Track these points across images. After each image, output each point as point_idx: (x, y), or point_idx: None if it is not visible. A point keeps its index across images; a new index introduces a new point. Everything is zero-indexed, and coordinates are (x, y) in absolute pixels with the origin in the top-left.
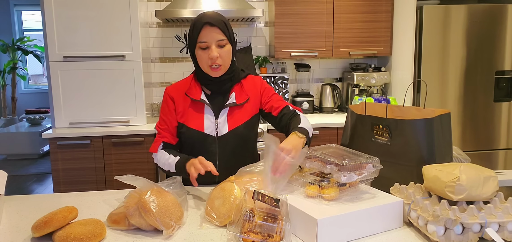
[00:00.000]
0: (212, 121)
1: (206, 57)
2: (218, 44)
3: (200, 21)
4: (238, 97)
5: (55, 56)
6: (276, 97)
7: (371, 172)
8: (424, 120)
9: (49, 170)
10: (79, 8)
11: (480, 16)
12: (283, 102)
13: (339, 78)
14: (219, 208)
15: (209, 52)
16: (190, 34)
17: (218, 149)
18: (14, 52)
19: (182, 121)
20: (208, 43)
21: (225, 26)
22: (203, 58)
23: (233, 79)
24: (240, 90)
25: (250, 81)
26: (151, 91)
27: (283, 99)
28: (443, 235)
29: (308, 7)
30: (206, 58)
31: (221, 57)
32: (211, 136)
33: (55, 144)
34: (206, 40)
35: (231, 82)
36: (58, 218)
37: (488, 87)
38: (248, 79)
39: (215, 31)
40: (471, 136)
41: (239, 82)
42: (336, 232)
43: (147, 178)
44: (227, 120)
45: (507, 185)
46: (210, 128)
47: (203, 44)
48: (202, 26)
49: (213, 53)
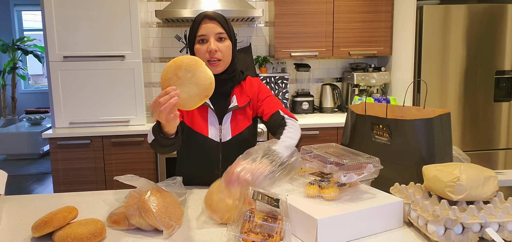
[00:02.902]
0: (216, 126)
1: (204, 50)
2: (217, 37)
3: (200, 16)
4: (240, 100)
5: (55, 56)
6: (268, 101)
7: (371, 172)
8: (424, 120)
9: (49, 170)
10: (79, 8)
11: (480, 16)
12: (275, 106)
13: (339, 78)
14: (219, 203)
15: (208, 45)
16: (190, 31)
17: (221, 155)
18: (14, 52)
19: (186, 121)
20: (207, 36)
21: (224, 21)
22: (202, 52)
23: (234, 80)
24: (240, 92)
25: (249, 83)
26: (151, 91)
27: (276, 102)
28: (443, 235)
29: (308, 7)
30: (204, 52)
31: (220, 51)
32: (214, 141)
33: (55, 144)
34: (205, 33)
35: (232, 83)
36: (58, 218)
37: (488, 87)
38: (247, 80)
39: (214, 24)
40: (471, 136)
41: (239, 84)
42: (336, 232)
43: (147, 178)
44: (231, 125)
45: (507, 185)
46: (214, 133)
47: (202, 38)
48: (201, 20)
49: (212, 45)
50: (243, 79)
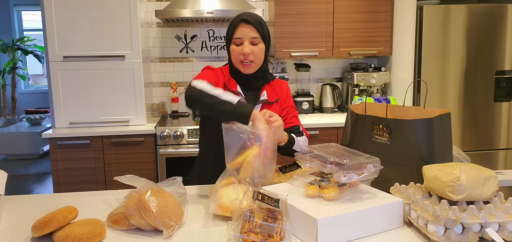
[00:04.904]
0: None
1: (239, 52)
2: (252, 41)
3: (237, 19)
4: (270, 96)
5: (55, 56)
6: (293, 112)
7: (371, 172)
8: (424, 120)
9: (49, 170)
10: (79, 8)
11: (480, 16)
12: (297, 120)
13: (339, 78)
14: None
15: (242, 47)
16: (227, 31)
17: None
18: (14, 52)
19: None
20: (242, 39)
21: (260, 25)
22: (236, 53)
23: (265, 79)
24: (271, 90)
25: (278, 84)
26: (151, 91)
27: (298, 117)
28: (443, 235)
29: (308, 7)
30: (239, 53)
31: (253, 54)
32: None
33: (55, 144)
34: (241, 36)
35: (262, 81)
36: (58, 218)
37: (488, 87)
38: (276, 81)
39: (249, 28)
40: (471, 136)
41: (269, 83)
42: (336, 232)
43: (147, 178)
44: None
45: (507, 185)
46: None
47: (238, 41)
48: (238, 23)
49: (246, 49)
50: (272, 79)
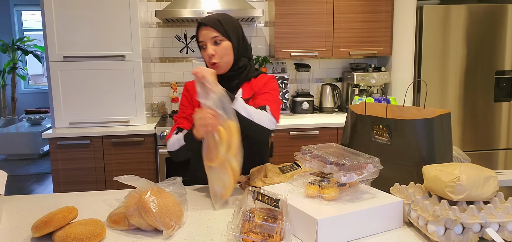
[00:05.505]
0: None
1: (205, 56)
2: (213, 41)
3: (198, 25)
4: (244, 93)
5: (55, 56)
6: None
7: (371, 172)
8: (424, 120)
9: (49, 170)
10: (79, 8)
11: (480, 16)
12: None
13: (339, 78)
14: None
15: (207, 50)
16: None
17: None
18: (14, 52)
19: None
20: (204, 42)
21: (219, 24)
22: (205, 59)
23: (241, 76)
24: (248, 87)
25: (260, 79)
26: (151, 91)
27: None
28: (443, 235)
29: (308, 7)
30: (206, 56)
31: (217, 54)
32: None
33: (55, 144)
34: (203, 39)
35: (238, 80)
36: (58, 218)
37: (488, 87)
38: (260, 77)
39: (208, 30)
40: (471, 136)
41: (248, 81)
42: (336, 232)
43: (147, 178)
44: None
45: (507, 185)
46: None
47: (202, 44)
48: (198, 28)
49: (209, 50)
50: (254, 76)
